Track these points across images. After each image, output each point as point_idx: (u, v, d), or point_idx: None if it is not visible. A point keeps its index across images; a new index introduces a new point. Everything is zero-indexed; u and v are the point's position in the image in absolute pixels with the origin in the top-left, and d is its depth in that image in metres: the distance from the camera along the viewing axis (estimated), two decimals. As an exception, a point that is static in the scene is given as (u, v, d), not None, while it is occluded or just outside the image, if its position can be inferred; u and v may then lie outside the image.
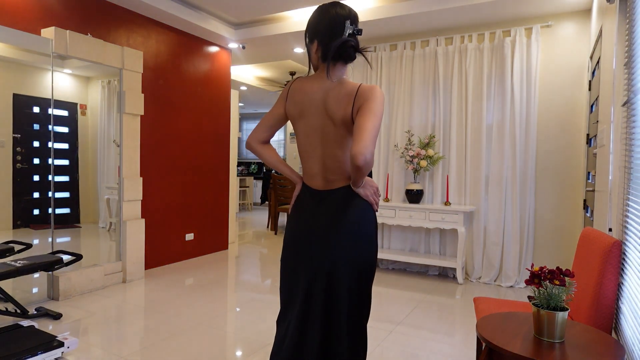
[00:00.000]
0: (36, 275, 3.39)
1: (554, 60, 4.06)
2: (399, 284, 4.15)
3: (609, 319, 1.73)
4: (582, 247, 2.13)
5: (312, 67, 1.60)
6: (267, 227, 7.55)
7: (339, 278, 1.47)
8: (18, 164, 3.29)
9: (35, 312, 3.06)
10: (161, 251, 4.62)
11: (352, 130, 1.44)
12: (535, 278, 1.56)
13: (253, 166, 11.66)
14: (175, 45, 4.73)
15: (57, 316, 3.02)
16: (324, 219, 1.49)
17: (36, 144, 3.39)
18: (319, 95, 1.50)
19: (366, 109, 1.40)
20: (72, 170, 3.73)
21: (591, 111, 3.53)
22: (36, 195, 3.40)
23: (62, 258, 3.17)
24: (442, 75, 4.43)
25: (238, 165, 11.37)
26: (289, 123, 10.03)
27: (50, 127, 3.46)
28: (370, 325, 3.05)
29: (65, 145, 3.68)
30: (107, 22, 4.02)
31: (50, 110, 3.45)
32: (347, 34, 1.47)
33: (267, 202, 11.11)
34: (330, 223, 1.48)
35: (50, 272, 3.42)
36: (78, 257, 3.34)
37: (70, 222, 3.74)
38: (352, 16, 1.49)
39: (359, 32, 1.49)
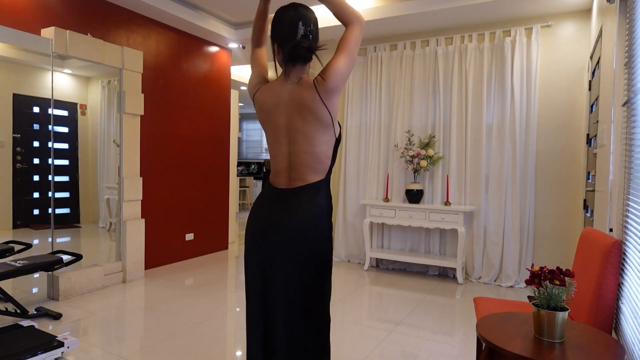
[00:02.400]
0: (36, 275, 3.39)
1: (554, 60, 4.06)
2: (399, 284, 4.15)
3: (609, 319, 1.73)
4: (582, 247, 2.13)
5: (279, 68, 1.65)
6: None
7: (289, 276, 1.51)
8: (18, 164, 3.29)
9: (35, 312, 3.06)
10: (161, 251, 4.62)
11: (324, 124, 1.51)
12: (535, 278, 1.56)
13: (253, 166, 11.66)
14: (175, 45, 4.73)
15: (57, 316, 3.02)
16: (279, 216, 1.54)
17: (36, 144, 3.39)
18: (284, 96, 1.54)
19: (340, 48, 1.50)
20: (72, 170, 3.73)
21: (591, 111, 3.53)
22: (36, 195, 3.40)
23: (62, 258, 3.17)
24: (442, 75, 4.43)
25: (238, 165, 11.37)
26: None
27: (50, 127, 3.46)
28: (370, 325, 3.06)
29: (65, 145, 3.68)
30: (107, 22, 4.02)
31: (50, 110, 3.45)
32: (299, 36, 1.53)
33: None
34: (283, 221, 1.52)
35: (50, 272, 3.42)
36: (78, 257, 3.34)
37: (70, 222, 3.74)
38: (303, 17, 1.54)
39: (311, 32, 1.54)
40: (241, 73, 7.45)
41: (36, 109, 3.39)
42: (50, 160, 3.47)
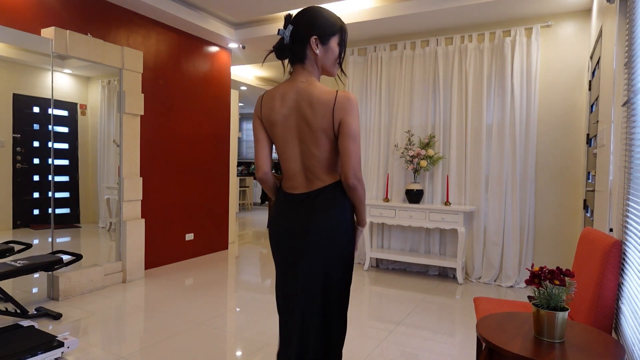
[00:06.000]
0: (36, 275, 3.39)
1: (554, 60, 4.06)
2: (399, 284, 4.15)
3: (609, 319, 1.73)
4: (582, 247, 2.13)
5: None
6: (267, 227, 7.55)
7: (317, 278, 1.52)
8: (18, 164, 3.29)
9: (35, 312, 3.06)
10: (161, 251, 4.62)
11: (329, 135, 1.49)
12: (535, 278, 1.56)
13: (253, 166, 11.66)
14: (175, 45, 4.73)
15: (57, 316, 3.02)
16: (299, 222, 1.53)
17: (36, 144, 3.39)
18: (291, 96, 1.53)
19: (347, 129, 1.47)
20: (72, 170, 3.73)
21: (591, 111, 3.53)
22: (36, 195, 3.40)
23: (62, 258, 3.17)
24: (442, 75, 4.43)
25: (238, 165, 11.37)
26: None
27: (50, 127, 3.46)
28: (370, 325, 3.06)
29: (65, 145, 3.68)
30: (107, 22, 4.02)
31: (50, 110, 3.45)
32: (286, 37, 1.54)
33: (267, 202, 11.11)
34: (304, 227, 1.52)
35: (50, 272, 3.42)
36: (78, 257, 3.34)
37: (70, 222, 3.74)
38: (293, 20, 1.54)
39: (296, 32, 1.53)
40: (241, 73, 7.45)
41: (36, 109, 3.38)
42: (50, 160, 3.47)
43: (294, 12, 1.58)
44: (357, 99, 1.48)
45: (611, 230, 2.18)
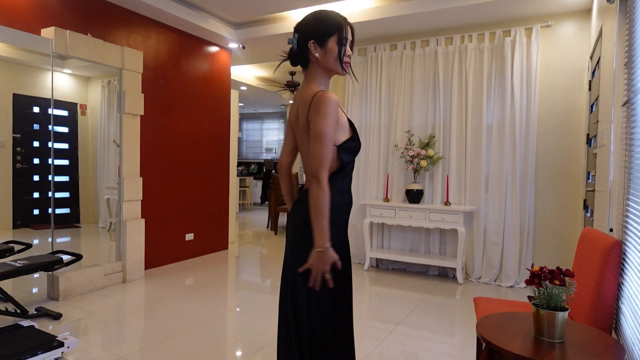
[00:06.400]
0: (36, 275, 3.38)
1: (554, 60, 4.06)
2: (399, 284, 4.15)
3: (609, 319, 1.73)
4: (582, 247, 2.13)
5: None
6: (267, 227, 7.55)
7: (286, 286, 1.54)
8: (18, 164, 3.29)
9: (35, 312, 3.06)
10: (161, 251, 4.62)
11: (309, 134, 1.52)
12: (535, 278, 1.56)
13: (253, 166, 11.66)
14: (175, 45, 4.73)
15: (57, 316, 3.02)
16: (289, 219, 1.62)
17: (36, 144, 3.39)
18: (296, 100, 1.60)
19: (312, 128, 1.45)
20: (72, 170, 3.73)
21: (591, 111, 3.53)
22: (36, 195, 3.40)
23: (62, 258, 3.17)
24: (442, 75, 4.43)
25: (238, 165, 11.36)
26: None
27: (50, 127, 3.46)
28: (370, 325, 3.06)
29: (65, 145, 3.68)
30: (107, 22, 4.02)
31: (50, 110, 3.45)
32: (294, 43, 1.58)
33: (267, 202, 11.11)
34: (289, 224, 1.60)
35: (50, 272, 3.42)
36: (78, 257, 3.34)
37: (70, 222, 3.74)
38: (296, 28, 1.59)
39: (297, 39, 1.57)
40: (241, 73, 7.45)
41: (36, 109, 3.38)
42: (50, 160, 3.47)
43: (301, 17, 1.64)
44: (336, 98, 1.46)
45: (611, 230, 2.18)
